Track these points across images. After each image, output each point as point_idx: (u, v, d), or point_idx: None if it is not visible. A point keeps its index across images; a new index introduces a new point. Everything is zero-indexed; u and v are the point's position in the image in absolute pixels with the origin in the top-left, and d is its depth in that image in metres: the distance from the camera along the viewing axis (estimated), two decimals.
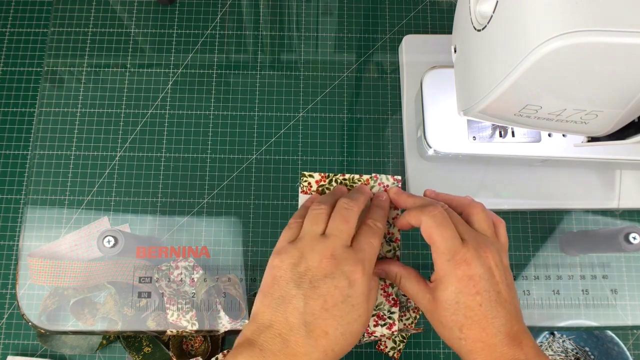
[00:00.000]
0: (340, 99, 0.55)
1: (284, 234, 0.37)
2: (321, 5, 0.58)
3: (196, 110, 0.54)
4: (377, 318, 0.39)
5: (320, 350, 0.32)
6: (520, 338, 0.33)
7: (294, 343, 0.32)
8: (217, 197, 0.52)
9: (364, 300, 0.34)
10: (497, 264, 0.34)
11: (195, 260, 0.49)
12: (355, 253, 0.34)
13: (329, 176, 0.42)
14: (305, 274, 0.33)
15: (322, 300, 0.32)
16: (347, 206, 0.36)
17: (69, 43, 0.56)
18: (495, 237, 0.36)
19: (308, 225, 0.36)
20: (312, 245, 0.34)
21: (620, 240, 0.43)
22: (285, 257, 0.34)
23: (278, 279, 0.34)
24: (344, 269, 0.33)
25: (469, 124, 0.47)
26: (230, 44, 0.57)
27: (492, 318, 0.32)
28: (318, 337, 0.32)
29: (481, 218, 0.36)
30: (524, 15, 0.29)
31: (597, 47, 0.27)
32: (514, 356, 0.32)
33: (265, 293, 0.34)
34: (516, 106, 0.34)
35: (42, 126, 0.53)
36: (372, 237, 0.36)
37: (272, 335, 0.32)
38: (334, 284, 0.33)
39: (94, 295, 0.50)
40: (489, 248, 0.34)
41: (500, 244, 0.36)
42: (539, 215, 0.52)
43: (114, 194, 0.52)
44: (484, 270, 0.33)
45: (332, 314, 0.32)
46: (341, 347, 0.33)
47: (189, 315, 0.48)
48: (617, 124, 0.34)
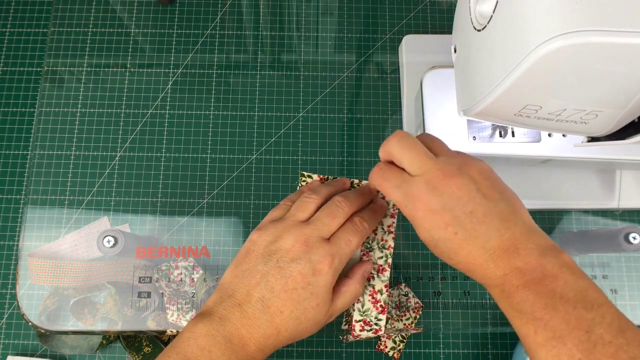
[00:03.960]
0: (340, 99, 0.55)
1: (271, 213, 0.38)
2: (321, 5, 0.58)
3: (196, 110, 0.54)
4: (364, 324, 0.39)
5: (273, 327, 0.33)
6: (516, 244, 0.31)
7: (251, 314, 0.33)
8: (217, 197, 0.52)
9: (325, 292, 0.34)
10: (460, 185, 0.32)
11: (195, 260, 0.49)
12: (330, 246, 0.35)
13: (328, 179, 0.42)
14: (275, 253, 0.34)
15: (284, 282, 0.34)
16: (339, 204, 0.36)
17: (69, 43, 0.56)
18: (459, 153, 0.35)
19: (294, 210, 0.37)
20: (290, 228, 0.35)
21: (620, 240, 0.43)
22: (262, 234, 0.36)
23: (250, 253, 0.35)
24: (312, 258, 0.34)
25: (469, 124, 0.47)
26: (230, 44, 0.57)
27: (472, 239, 0.31)
28: (273, 314, 0.33)
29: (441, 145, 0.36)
30: (524, 15, 0.29)
31: (597, 47, 0.27)
32: (510, 264, 0.30)
33: (236, 264, 0.36)
34: (516, 106, 0.34)
35: (42, 126, 0.53)
36: (352, 235, 0.36)
37: (231, 305, 0.34)
38: (299, 269, 0.34)
39: (94, 295, 0.50)
40: (448, 173, 0.32)
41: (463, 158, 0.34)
42: (539, 215, 0.52)
43: (114, 194, 0.52)
44: (444, 199, 0.32)
45: (290, 296, 0.33)
46: (294, 330, 0.34)
47: (189, 315, 0.48)
48: (617, 124, 0.34)
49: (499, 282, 0.31)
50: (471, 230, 0.31)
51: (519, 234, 0.31)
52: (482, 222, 0.31)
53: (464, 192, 0.32)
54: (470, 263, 0.32)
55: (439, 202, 0.32)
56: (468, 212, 0.31)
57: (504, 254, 0.31)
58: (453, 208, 0.32)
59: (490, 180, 0.33)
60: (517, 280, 0.30)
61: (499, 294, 0.31)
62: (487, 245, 0.31)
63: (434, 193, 0.32)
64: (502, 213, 0.32)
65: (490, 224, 0.31)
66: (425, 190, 0.32)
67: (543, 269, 0.30)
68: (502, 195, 0.33)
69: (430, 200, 0.32)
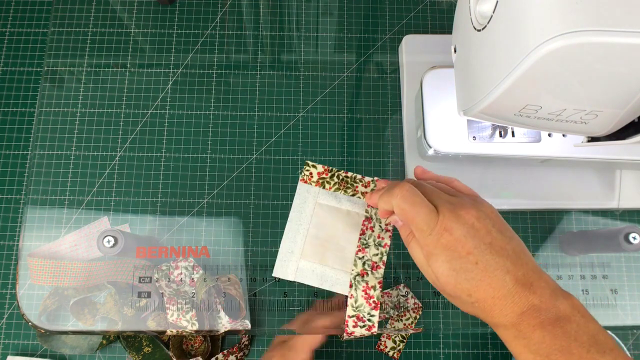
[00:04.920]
0: (340, 99, 0.55)
1: None
2: (321, 5, 0.58)
3: (196, 110, 0.54)
4: (357, 319, 0.39)
5: None
6: (531, 281, 0.31)
7: None
8: (217, 197, 0.52)
9: None
10: (478, 217, 0.33)
11: (195, 260, 0.49)
12: None
13: (332, 170, 0.42)
14: None
15: None
16: None
17: (69, 43, 0.56)
18: (472, 192, 0.36)
19: None
20: None
21: (620, 240, 0.43)
22: None
23: None
24: None
25: (469, 124, 0.47)
26: (230, 44, 0.57)
27: (493, 271, 0.31)
28: None
29: (459, 185, 0.37)
30: (524, 15, 0.29)
31: (597, 47, 0.26)
32: (528, 301, 0.31)
33: None
34: (516, 106, 0.34)
35: (42, 126, 0.53)
36: None
37: None
38: None
39: (94, 295, 0.50)
40: (464, 205, 0.33)
41: (475, 196, 0.36)
42: (539, 215, 0.52)
43: (114, 194, 0.52)
44: (466, 229, 0.32)
45: None
46: None
47: (189, 315, 0.48)
48: (617, 124, 0.34)
49: (516, 321, 0.31)
50: (491, 261, 0.32)
51: (531, 272, 0.32)
52: (500, 255, 0.32)
53: (482, 225, 0.33)
54: (490, 298, 0.31)
55: (461, 230, 0.32)
56: (487, 243, 0.32)
57: (521, 289, 0.31)
58: (474, 237, 0.32)
59: (500, 218, 0.34)
60: (533, 320, 0.30)
61: (514, 334, 0.31)
62: (506, 278, 0.31)
63: (456, 221, 0.33)
64: (516, 249, 0.33)
65: (507, 258, 0.32)
66: (448, 218, 0.33)
67: (557, 309, 0.30)
68: (512, 234, 0.34)
69: (452, 227, 0.32)
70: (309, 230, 0.42)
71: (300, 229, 0.42)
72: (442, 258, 0.33)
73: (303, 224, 0.42)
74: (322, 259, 0.41)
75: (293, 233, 0.42)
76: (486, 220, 0.33)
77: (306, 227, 0.42)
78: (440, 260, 0.33)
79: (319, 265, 0.41)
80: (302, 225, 0.42)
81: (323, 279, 0.41)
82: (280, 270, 0.41)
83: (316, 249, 0.41)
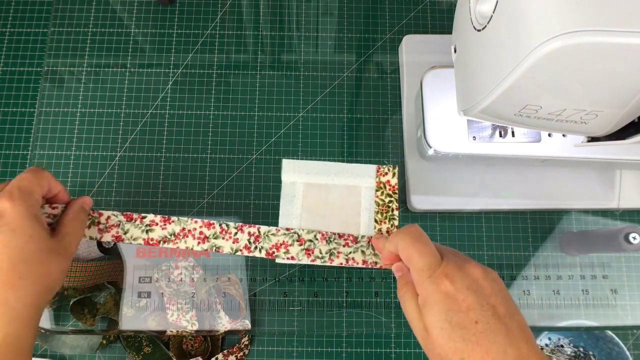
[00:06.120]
0: (340, 99, 0.55)
1: None
2: (321, 5, 0.58)
3: (196, 110, 0.54)
4: None
5: None
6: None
7: None
8: (217, 197, 0.52)
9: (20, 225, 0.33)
10: (484, 276, 0.30)
11: (195, 260, 0.49)
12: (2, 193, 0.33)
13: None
14: None
15: None
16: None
17: (69, 43, 0.56)
18: None
19: None
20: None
21: (620, 240, 0.43)
22: None
23: None
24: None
25: (469, 124, 0.47)
26: (230, 44, 0.57)
27: (493, 337, 0.28)
28: None
29: None
30: (524, 15, 0.29)
31: (597, 47, 0.26)
32: None
33: None
34: (516, 106, 0.34)
35: (42, 126, 0.53)
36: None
37: None
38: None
39: (94, 295, 0.50)
40: (471, 262, 0.31)
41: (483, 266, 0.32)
42: (539, 215, 0.52)
43: (114, 194, 0.52)
44: (469, 281, 0.29)
45: None
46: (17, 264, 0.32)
47: (189, 315, 0.48)
48: (617, 124, 0.34)
49: None
50: (493, 325, 0.28)
51: (535, 354, 0.28)
52: (504, 323, 0.28)
53: (488, 284, 0.30)
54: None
55: (464, 282, 0.29)
56: (491, 304, 0.29)
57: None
58: (477, 292, 0.29)
59: (506, 289, 0.31)
60: None
61: None
62: (508, 351, 0.27)
63: (460, 271, 0.30)
64: (520, 323, 0.29)
65: (511, 330, 0.28)
66: (452, 267, 0.30)
67: None
68: (517, 308, 0.30)
69: (454, 276, 0.29)
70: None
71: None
72: (438, 307, 0.29)
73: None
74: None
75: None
76: (492, 282, 0.30)
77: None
78: (435, 309, 0.29)
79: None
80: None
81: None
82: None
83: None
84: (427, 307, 0.30)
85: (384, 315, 0.49)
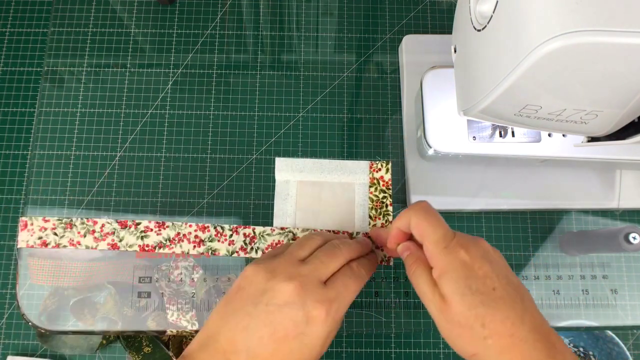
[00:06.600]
0: (340, 99, 0.55)
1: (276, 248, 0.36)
2: (321, 5, 0.58)
3: (196, 110, 0.54)
4: None
5: None
6: (553, 340, 0.28)
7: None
8: (217, 197, 0.52)
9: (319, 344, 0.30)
10: (493, 250, 0.31)
11: (195, 260, 0.49)
12: (326, 290, 0.31)
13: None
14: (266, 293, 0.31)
15: (272, 329, 0.30)
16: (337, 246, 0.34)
17: (69, 43, 0.56)
18: None
19: (293, 247, 0.35)
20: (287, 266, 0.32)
21: (620, 240, 0.43)
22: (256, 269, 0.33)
23: (241, 290, 0.32)
24: (307, 302, 0.30)
25: (469, 124, 0.47)
26: (230, 44, 0.57)
27: (511, 303, 0.28)
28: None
29: None
30: (524, 15, 0.29)
31: (597, 47, 0.27)
32: (548, 355, 0.27)
33: (226, 301, 0.33)
34: (516, 106, 0.34)
35: (42, 126, 0.53)
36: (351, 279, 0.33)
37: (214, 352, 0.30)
38: (290, 316, 0.30)
39: (94, 295, 0.50)
40: (480, 238, 0.32)
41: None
42: (539, 215, 0.52)
43: (114, 194, 0.52)
44: (483, 252, 0.30)
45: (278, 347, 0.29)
46: None
47: (189, 315, 0.48)
48: (617, 124, 0.34)
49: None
50: (511, 292, 0.29)
51: (550, 330, 0.29)
52: (518, 293, 0.29)
53: (499, 257, 0.31)
54: (508, 335, 0.27)
55: (478, 252, 0.30)
56: (504, 275, 0.30)
57: (543, 339, 0.28)
58: (492, 263, 0.30)
59: (509, 271, 0.32)
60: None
61: None
62: (525, 318, 0.28)
63: (473, 243, 0.31)
64: (530, 296, 0.30)
65: (527, 303, 0.29)
66: (465, 238, 0.31)
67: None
68: (525, 288, 0.31)
69: (469, 246, 0.30)
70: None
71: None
72: (457, 275, 0.29)
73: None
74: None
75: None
76: (500, 257, 0.31)
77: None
78: (454, 277, 0.30)
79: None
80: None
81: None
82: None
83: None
84: (446, 276, 0.30)
85: (384, 315, 0.49)
